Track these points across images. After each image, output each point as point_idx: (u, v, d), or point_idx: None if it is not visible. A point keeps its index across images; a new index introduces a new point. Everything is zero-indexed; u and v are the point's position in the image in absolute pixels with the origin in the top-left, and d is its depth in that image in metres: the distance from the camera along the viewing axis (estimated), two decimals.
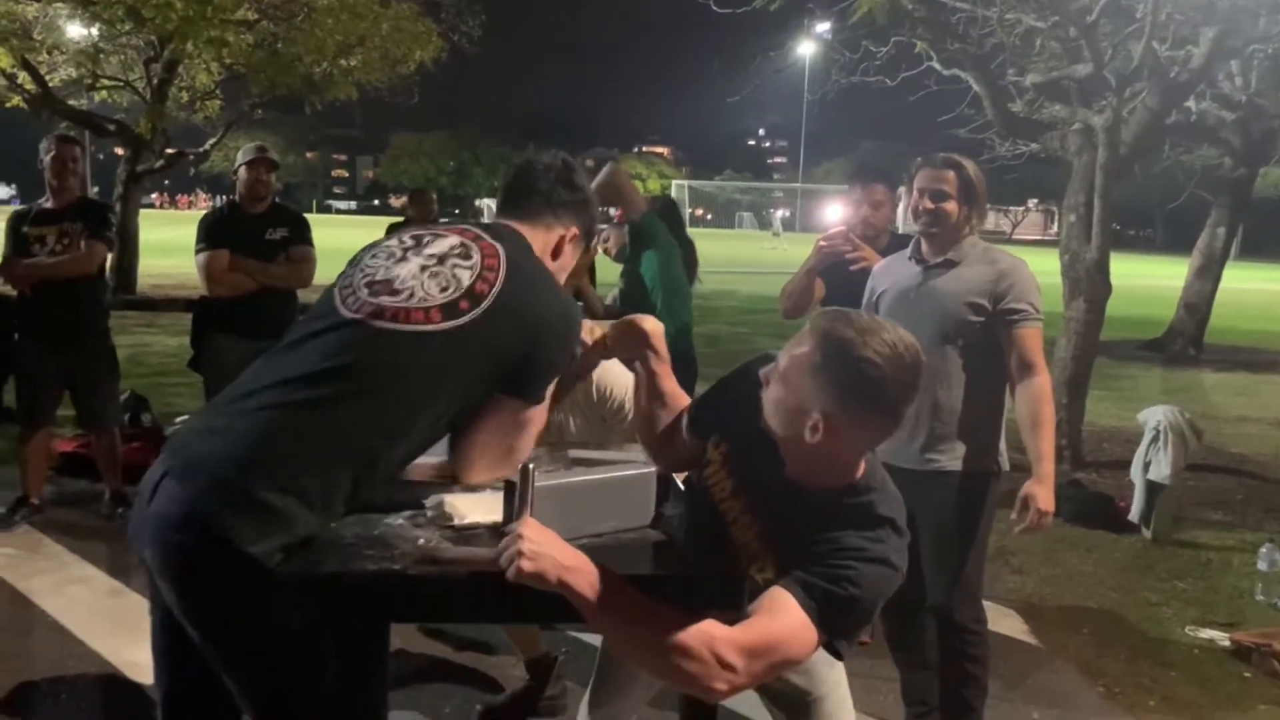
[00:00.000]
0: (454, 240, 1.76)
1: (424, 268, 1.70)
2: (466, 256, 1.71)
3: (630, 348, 1.94)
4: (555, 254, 1.90)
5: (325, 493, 1.51)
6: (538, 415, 1.82)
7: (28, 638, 3.46)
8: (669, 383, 1.94)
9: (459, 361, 1.62)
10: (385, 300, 1.64)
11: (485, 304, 1.65)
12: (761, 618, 1.43)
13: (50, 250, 4.42)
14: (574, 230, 1.92)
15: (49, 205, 4.51)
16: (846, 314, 1.54)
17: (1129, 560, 4.70)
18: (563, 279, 1.95)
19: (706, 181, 55.04)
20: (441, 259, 1.71)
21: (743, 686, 1.42)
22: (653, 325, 1.94)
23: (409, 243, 1.77)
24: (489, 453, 1.75)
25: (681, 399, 1.94)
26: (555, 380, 1.84)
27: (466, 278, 1.68)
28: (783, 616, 1.43)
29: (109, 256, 4.85)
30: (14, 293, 4.62)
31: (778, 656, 1.43)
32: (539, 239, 1.87)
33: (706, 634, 1.38)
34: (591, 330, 1.96)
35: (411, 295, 1.65)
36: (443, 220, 2.00)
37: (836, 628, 1.47)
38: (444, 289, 1.66)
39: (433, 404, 1.61)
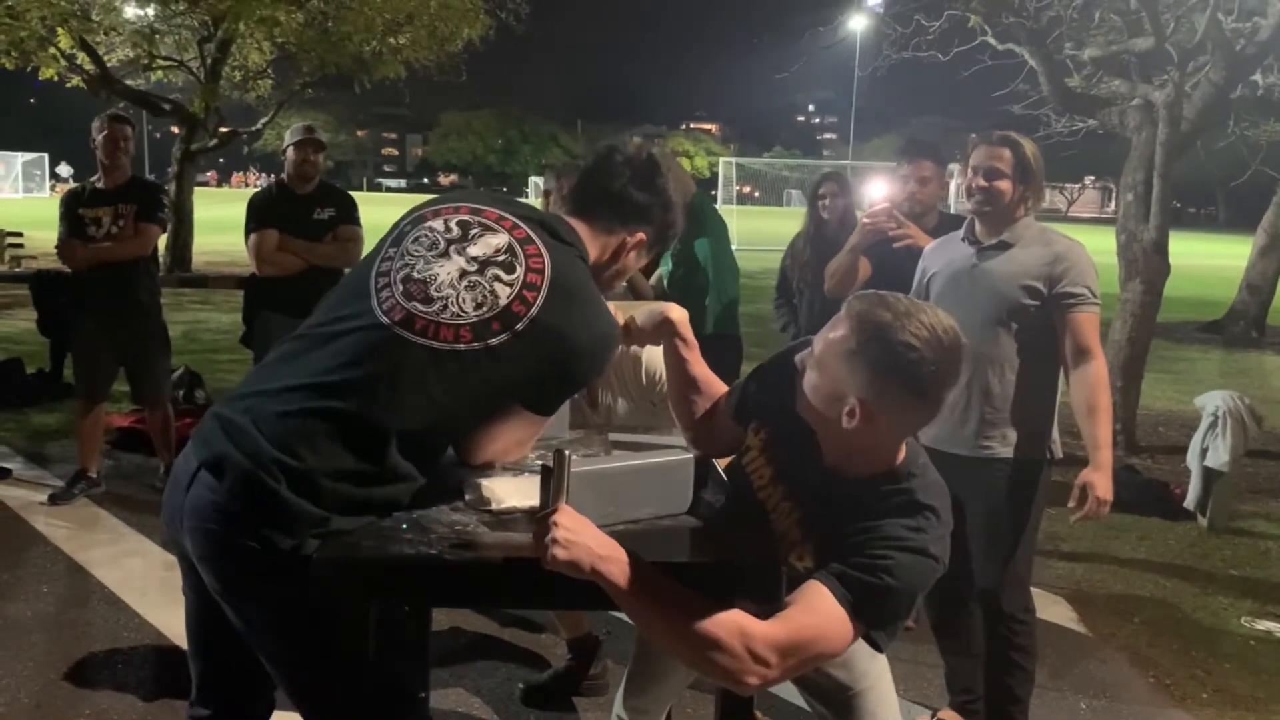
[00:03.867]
0: (501, 241, 1.65)
1: (463, 274, 1.61)
2: (510, 269, 1.61)
3: (656, 335, 1.91)
4: (614, 258, 1.80)
5: (351, 496, 1.51)
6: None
7: (85, 608, 3.55)
8: (699, 368, 1.91)
9: (483, 379, 1.57)
10: (417, 308, 1.57)
11: (518, 327, 1.57)
12: (796, 611, 1.41)
13: (106, 231, 4.52)
14: (640, 235, 1.79)
15: (102, 185, 4.59)
16: (883, 297, 1.50)
17: (1183, 548, 4.59)
18: (620, 280, 1.86)
19: (755, 159, 54.47)
20: (483, 266, 1.62)
21: (774, 681, 1.40)
22: (678, 314, 1.90)
23: (455, 232, 1.66)
24: (496, 444, 1.72)
25: (716, 384, 1.92)
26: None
27: (504, 295, 1.59)
28: (818, 610, 1.41)
29: (163, 236, 4.94)
30: (70, 271, 4.73)
31: (811, 651, 1.41)
32: (598, 241, 1.77)
33: (740, 627, 1.36)
34: (616, 314, 1.90)
35: (445, 308, 1.57)
36: (494, 195, 1.84)
37: (873, 619, 1.44)
38: (478, 305, 1.58)
39: (453, 414, 1.58)
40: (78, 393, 4.78)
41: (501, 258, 1.63)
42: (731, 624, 1.36)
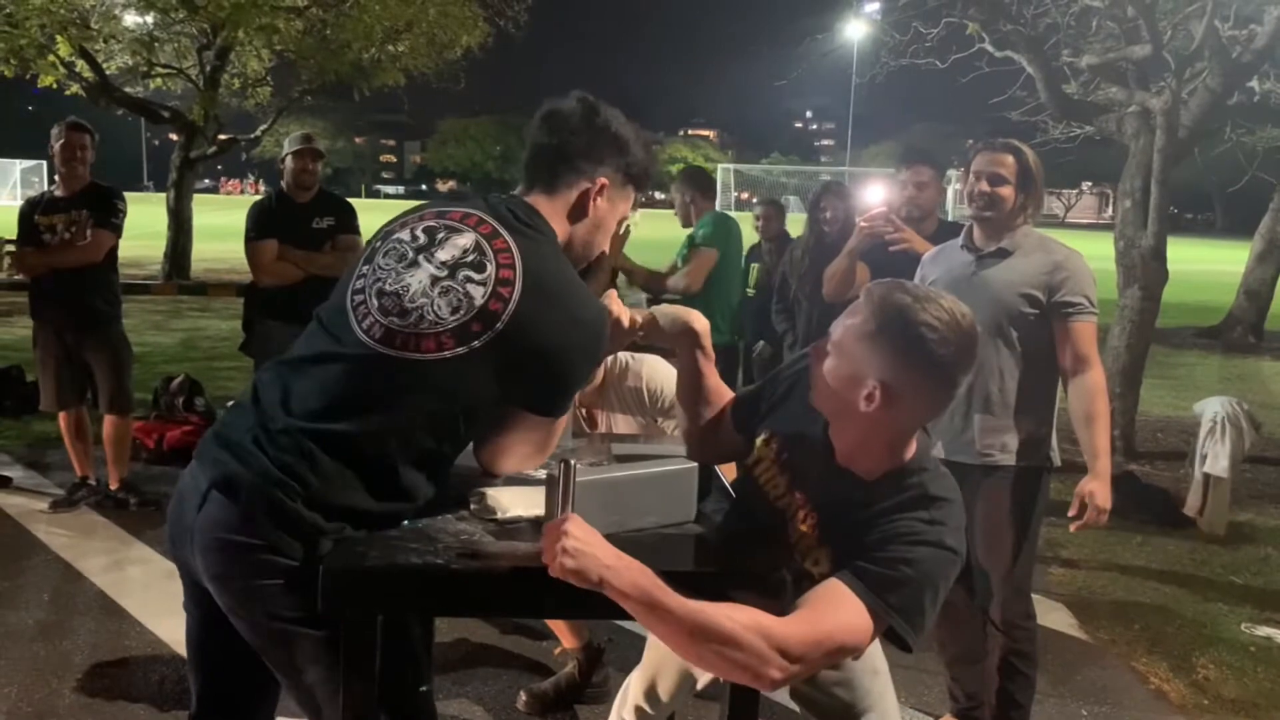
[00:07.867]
0: (468, 241, 1.61)
1: (435, 280, 1.57)
2: (480, 267, 1.57)
3: (675, 340, 1.90)
4: (582, 211, 1.70)
5: (360, 510, 1.53)
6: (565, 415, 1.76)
7: (85, 616, 3.55)
8: (713, 379, 1.91)
9: (475, 383, 1.55)
10: (394, 323, 1.55)
11: (499, 325, 1.54)
12: (814, 606, 1.42)
13: (59, 238, 4.45)
14: (601, 180, 1.70)
15: (59, 193, 4.54)
16: (901, 282, 1.52)
17: (1183, 554, 4.60)
18: (601, 237, 1.77)
19: (753, 165, 54.63)
20: (453, 269, 1.58)
21: (796, 675, 1.39)
22: (701, 324, 1.90)
23: (421, 239, 1.64)
24: (515, 451, 1.72)
25: (724, 394, 1.92)
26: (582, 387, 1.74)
27: (479, 295, 1.55)
28: (835, 604, 1.42)
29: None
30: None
31: (832, 644, 1.41)
32: (558, 203, 1.70)
33: (758, 624, 1.36)
34: (633, 319, 1.89)
35: (422, 318, 1.55)
36: (458, 198, 1.81)
37: (893, 609, 1.43)
38: (455, 309, 1.55)
39: (453, 426, 1.58)
40: (44, 403, 4.68)
41: (470, 257, 1.59)
42: (749, 621, 1.36)
